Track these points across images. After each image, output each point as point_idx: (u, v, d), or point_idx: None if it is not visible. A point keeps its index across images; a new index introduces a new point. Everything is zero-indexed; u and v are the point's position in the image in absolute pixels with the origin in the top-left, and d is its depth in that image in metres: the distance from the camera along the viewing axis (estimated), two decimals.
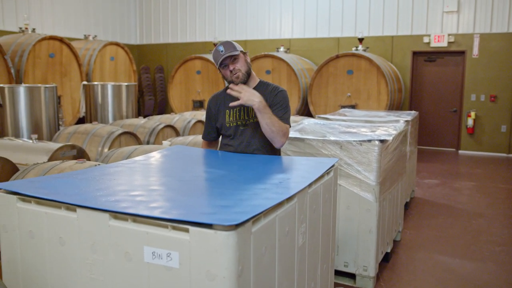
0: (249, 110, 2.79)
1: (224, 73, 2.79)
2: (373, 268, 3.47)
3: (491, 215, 5.44)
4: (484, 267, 3.96)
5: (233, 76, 2.73)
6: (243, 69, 2.74)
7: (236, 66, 2.72)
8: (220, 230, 1.38)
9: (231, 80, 2.77)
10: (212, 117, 2.93)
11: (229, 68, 2.72)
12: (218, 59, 2.70)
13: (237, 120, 2.81)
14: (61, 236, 1.72)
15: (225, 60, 2.71)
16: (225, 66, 2.73)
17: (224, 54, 2.67)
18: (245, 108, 2.80)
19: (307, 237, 2.04)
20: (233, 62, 2.72)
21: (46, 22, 10.45)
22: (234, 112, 2.82)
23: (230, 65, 2.72)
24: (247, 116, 2.80)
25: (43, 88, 6.65)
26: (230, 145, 2.85)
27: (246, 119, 2.80)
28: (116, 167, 2.37)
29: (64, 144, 4.58)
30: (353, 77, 8.82)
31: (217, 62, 2.72)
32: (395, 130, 4.00)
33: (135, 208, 1.59)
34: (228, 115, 2.84)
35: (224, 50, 2.68)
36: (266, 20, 11.49)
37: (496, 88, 9.50)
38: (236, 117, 2.82)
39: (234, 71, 2.72)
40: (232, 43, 2.74)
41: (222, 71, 2.79)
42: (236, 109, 2.81)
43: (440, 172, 7.86)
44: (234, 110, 2.82)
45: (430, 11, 9.89)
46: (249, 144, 2.78)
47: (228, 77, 2.77)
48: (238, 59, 2.74)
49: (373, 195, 3.38)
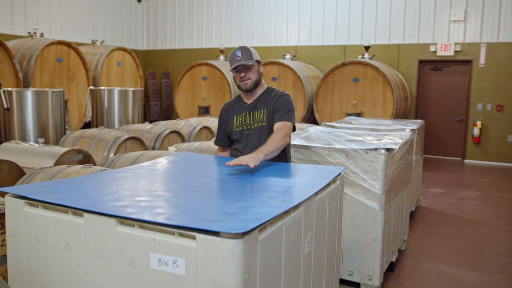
0: (254, 115, 2.92)
1: (235, 76, 2.92)
2: (378, 277, 3.45)
3: (497, 225, 5.40)
4: (490, 278, 3.93)
5: (242, 82, 2.87)
6: (253, 78, 2.87)
7: (247, 74, 2.85)
8: (227, 238, 1.38)
9: (238, 85, 2.92)
10: (223, 124, 3.07)
11: (240, 74, 2.86)
12: (232, 62, 2.84)
13: (243, 125, 2.94)
14: (67, 241, 1.72)
15: (239, 66, 2.83)
16: (238, 71, 2.86)
17: (239, 61, 2.79)
18: (250, 113, 2.93)
19: (313, 245, 2.03)
20: (245, 70, 2.85)
21: (54, 26, 10.54)
22: (240, 117, 2.96)
23: (242, 72, 2.85)
24: (252, 121, 2.92)
25: (50, 93, 6.69)
26: (237, 149, 2.97)
27: (251, 124, 2.92)
28: (122, 172, 2.38)
29: (71, 149, 4.60)
30: (359, 85, 8.82)
31: (231, 66, 2.86)
32: (401, 139, 3.99)
33: (141, 214, 1.59)
34: (235, 120, 2.97)
35: (241, 56, 2.80)
36: (273, 27, 11.53)
37: (502, 97, 9.46)
38: (242, 122, 2.95)
39: (244, 78, 2.85)
40: (250, 51, 2.85)
41: (234, 74, 2.92)
42: (242, 114, 2.95)
43: (446, 181, 7.82)
44: (240, 115, 2.95)
45: (436, 20, 9.89)
46: (253, 148, 2.80)
47: (237, 81, 2.91)
48: (251, 68, 2.87)
49: (379, 203, 3.37)
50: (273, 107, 2.87)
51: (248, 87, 2.88)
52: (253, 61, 2.83)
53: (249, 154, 2.48)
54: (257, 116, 2.90)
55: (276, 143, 2.60)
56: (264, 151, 2.51)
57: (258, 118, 2.89)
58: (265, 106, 2.91)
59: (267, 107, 2.90)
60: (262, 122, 2.89)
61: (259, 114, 2.91)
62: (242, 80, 2.86)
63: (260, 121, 2.89)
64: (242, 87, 2.89)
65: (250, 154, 2.47)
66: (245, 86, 2.87)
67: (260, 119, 2.90)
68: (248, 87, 2.88)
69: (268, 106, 2.89)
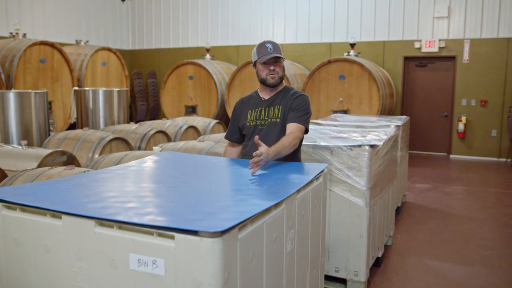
0: (269, 111, 2.88)
1: (261, 69, 2.86)
2: (364, 273, 3.46)
3: (481, 219, 5.46)
4: (474, 271, 3.98)
5: (269, 75, 2.83)
6: (280, 73, 2.87)
7: (276, 68, 2.84)
8: (206, 237, 1.37)
9: (263, 79, 2.86)
10: (236, 118, 3.03)
11: (269, 67, 2.81)
12: (262, 54, 2.78)
13: (257, 120, 2.90)
14: (46, 244, 1.70)
15: (271, 58, 2.79)
16: (266, 64, 2.82)
17: (272, 53, 2.77)
18: (266, 109, 2.89)
19: (296, 243, 2.04)
20: (275, 64, 2.83)
21: (37, 27, 10.41)
22: (255, 112, 2.91)
23: (273, 65, 2.82)
24: (266, 116, 2.88)
25: (33, 94, 6.61)
26: (248, 145, 2.94)
27: (265, 119, 2.88)
28: (104, 173, 2.36)
29: (54, 150, 4.55)
30: (345, 82, 8.86)
31: (260, 57, 2.80)
32: (385, 135, 4.01)
33: (121, 215, 1.58)
34: (249, 114, 2.93)
35: (273, 49, 2.78)
36: (259, 25, 11.52)
37: (486, 93, 9.58)
38: (256, 117, 2.90)
39: (273, 72, 2.82)
40: (279, 46, 2.86)
41: (260, 67, 2.86)
42: (258, 109, 2.90)
43: (432, 177, 7.89)
44: (255, 110, 2.91)
45: (421, 17, 9.97)
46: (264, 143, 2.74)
47: (264, 74, 2.85)
48: (280, 63, 2.86)
49: (364, 200, 3.38)
50: (290, 105, 2.84)
51: (275, 81, 2.85)
52: (282, 56, 2.84)
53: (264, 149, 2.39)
54: (272, 112, 2.87)
55: (286, 147, 2.58)
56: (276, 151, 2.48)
57: (273, 114, 2.86)
58: (281, 103, 2.89)
59: (283, 104, 2.88)
60: (276, 118, 2.86)
61: (274, 110, 2.88)
62: (270, 74, 2.83)
63: (274, 116, 2.86)
64: (269, 80, 2.84)
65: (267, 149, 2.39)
66: (272, 80, 2.84)
67: (275, 114, 2.87)
68: (275, 81, 2.85)
69: (285, 103, 2.86)
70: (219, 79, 10.30)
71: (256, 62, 2.88)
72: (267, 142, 2.74)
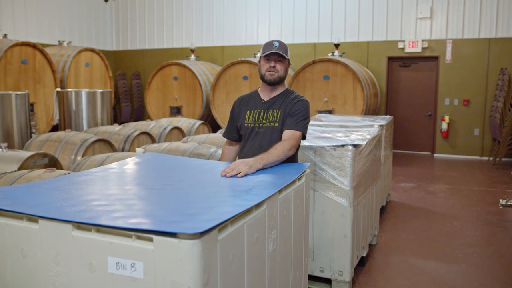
0: (267, 114, 2.85)
1: (263, 64, 2.85)
2: (348, 272, 3.48)
3: (464, 217, 5.53)
4: (457, 269, 4.02)
5: (268, 72, 2.82)
6: (280, 73, 2.83)
7: (277, 66, 2.81)
8: (184, 239, 1.35)
9: (262, 74, 2.85)
10: (235, 117, 2.99)
11: (271, 63, 2.80)
12: (267, 49, 2.78)
13: (255, 122, 2.87)
14: (23, 248, 1.66)
15: (273, 55, 2.79)
16: (269, 59, 2.81)
17: (276, 49, 2.76)
18: (264, 111, 2.86)
19: (278, 243, 2.03)
20: (277, 61, 2.81)
21: (19, 28, 10.25)
22: (254, 113, 2.88)
23: (274, 62, 2.80)
24: (264, 119, 2.85)
25: (14, 95, 6.50)
26: (244, 147, 2.91)
27: (263, 122, 2.85)
28: (84, 175, 2.32)
29: (35, 153, 4.48)
30: (329, 83, 8.89)
31: (264, 52, 2.79)
32: (369, 135, 4.03)
33: (98, 218, 1.55)
34: (248, 115, 2.90)
35: (278, 46, 2.77)
36: (243, 26, 11.51)
37: (468, 92, 9.71)
38: (255, 119, 2.87)
39: (273, 69, 2.80)
40: (287, 47, 2.86)
41: (262, 62, 2.85)
42: (256, 111, 2.87)
43: (416, 176, 7.96)
44: (254, 112, 2.88)
45: (404, 17, 10.06)
46: (261, 147, 2.79)
47: (264, 70, 2.84)
48: (283, 62, 2.83)
49: (347, 200, 3.39)
50: (289, 111, 2.79)
51: (274, 79, 2.81)
52: (287, 57, 2.82)
53: (247, 159, 2.37)
54: (271, 115, 2.82)
55: (279, 155, 2.51)
56: (264, 161, 2.41)
57: (272, 118, 2.82)
58: (281, 107, 2.84)
59: (282, 108, 2.83)
60: (274, 122, 2.82)
61: (273, 113, 2.83)
62: (269, 70, 2.80)
63: (273, 120, 2.82)
64: (268, 77, 2.82)
65: (248, 160, 2.36)
66: (270, 77, 2.81)
67: (274, 119, 2.83)
68: (274, 79, 2.81)
69: (284, 107, 2.81)
70: (204, 80, 10.27)
71: (260, 58, 2.88)
72: (263, 147, 2.74)
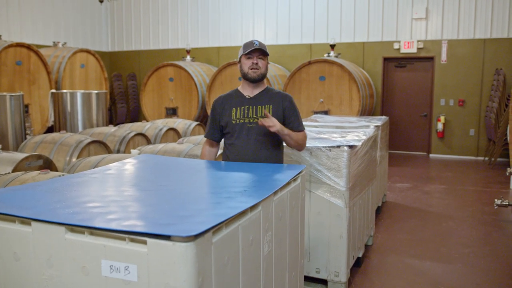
0: (257, 109, 2.91)
1: (245, 63, 2.91)
2: (344, 273, 3.47)
3: (460, 217, 5.54)
4: (453, 269, 4.02)
5: (252, 69, 2.88)
6: (262, 70, 2.92)
7: (260, 63, 2.90)
8: (178, 242, 1.34)
9: (245, 72, 2.91)
10: (217, 116, 3.01)
11: (253, 60, 2.87)
12: (248, 47, 2.85)
13: (245, 118, 2.91)
14: (15, 251, 1.65)
15: (254, 52, 2.86)
16: (250, 57, 2.87)
17: (257, 46, 2.83)
18: (253, 107, 2.91)
19: (273, 245, 2.02)
20: (259, 59, 2.89)
21: (13, 28, 10.20)
22: (241, 110, 2.92)
23: (256, 59, 2.87)
24: (255, 114, 2.91)
25: (8, 97, 6.46)
26: (236, 144, 2.92)
27: (254, 117, 2.90)
28: (78, 177, 2.31)
29: (30, 154, 4.45)
30: (325, 83, 8.90)
31: (245, 50, 2.86)
32: (365, 136, 4.03)
33: (92, 220, 1.54)
34: (234, 112, 2.93)
35: (259, 44, 2.86)
36: (239, 27, 11.51)
37: (464, 93, 9.73)
38: (244, 115, 2.91)
39: (256, 66, 2.87)
40: (266, 46, 2.93)
41: (244, 60, 2.91)
42: (244, 107, 2.92)
43: (412, 176, 7.98)
44: (241, 108, 2.92)
45: (399, 18, 10.09)
46: (256, 141, 2.88)
47: (247, 68, 2.90)
48: (264, 60, 2.91)
49: (343, 200, 3.39)
50: (283, 108, 2.94)
51: (257, 76, 2.89)
52: (267, 54, 2.93)
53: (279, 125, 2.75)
54: (261, 111, 2.90)
55: (297, 140, 2.90)
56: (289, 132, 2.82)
57: (263, 113, 2.90)
58: (270, 102, 2.94)
59: (273, 103, 2.94)
60: None
61: (263, 109, 2.92)
62: (252, 68, 2.87)
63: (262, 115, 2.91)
64: (251, 74, 2.89)
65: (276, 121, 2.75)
66: (254, 74, 2.88)
67: None
68: (257, 76, 2.89)
69: (275, 103, 2.94)
70: (199, 81, 10.25)
71: (241, 57, 2.93)
72: (260, 140, 2.88)
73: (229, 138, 2.97)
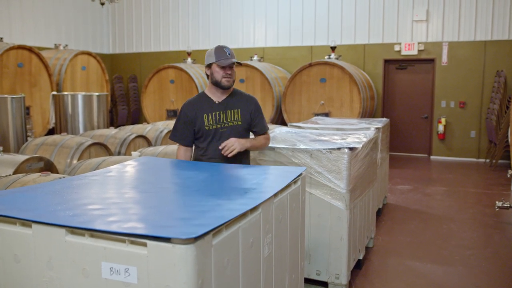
0: (227, 114, 3.04)
1: (218, 71, 2.99)
2: (345, 275, 3.47)
3: (461, 220, 5.53)
4: (454, 271, 4.01)
5: (225, 78, 2.99)
6: (234, 77, 3.07)
7: (232, 73, 3.03)
8: (178, 244, 1.35)
9: (218, 81, 3.00)
10: (189, 122, 3.07)
11: (226, 71, 2.97)
12: (222, 57, 2.94)
13: (217, 123, 3.03)
14: (16, 253, 1.65)
15: (230, 64, 2.98)
16: (223, 67, 2.96)
17: (231, 59, 2.95)
18: (223, 112, 3.04)
19: (274, 247, 2.02)
20: (231, 68, 3.01)
21: (15, 31, 10.23)
22: (213, 116, 3.03)
23: (229, 69, 2.98)
24: (225, 119, 3.04)
25: (9, 99, 6.48)
26: (209, 148, 3.03)
27: (225, 122, 3.04)
28: (79, 179, 2.31)
29: (31, 156, 4.45)
30: (326, 85, 8.90)
31: (219, 60, 2.94)
32: (365, 138, 4.03)
33: (92, 222, 1.54)
34: (206, 118, 3.03)
35: (231, 54, 2.98)
36: (240, 29, 11.52)
37: (465, 94, 9.73)
38: (216, 120, 3.03)
39: (229, 76, 2.98)
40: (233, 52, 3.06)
41: (217, 69, 2.99)
42: (215, 113, 3.04)
43: (412, 178, 7.97)
44: (212, 114, 3.04)
45: (400, 20, 10.09)
46: None
47: (220, 77, 2.99)
48: (234, 67, 3.08)
49: (344, 202, 3.39)
50: (250, 112, 3.11)
51: (230, 84, 3.03)
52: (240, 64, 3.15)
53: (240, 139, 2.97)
54: (231, 115, 3.05)
55: (261, 144, 3.18)
56: (251, 143, 3.06)
57: (233, 117, 3.05)
58: (239, 106, 3.09)
59: (241, 107, 3.09)
60: (237, 121, 3.07)
61: (233, 113, 3.06)
62: (226, 77, 2.98)
63: (235, 120, 3.06)
64: (224, 83, 3.00)
65: (240, 139, 2.97)
66: (227, 83, 3.00)
67: (235, 118, 3.07)
68: (230, 84, 3.03)
69: (243, 107, 3.09)
70: (200, 83, 10.26)
71: (211, 64, 3.00)
72: None
73: (201, 142, 3.09)
